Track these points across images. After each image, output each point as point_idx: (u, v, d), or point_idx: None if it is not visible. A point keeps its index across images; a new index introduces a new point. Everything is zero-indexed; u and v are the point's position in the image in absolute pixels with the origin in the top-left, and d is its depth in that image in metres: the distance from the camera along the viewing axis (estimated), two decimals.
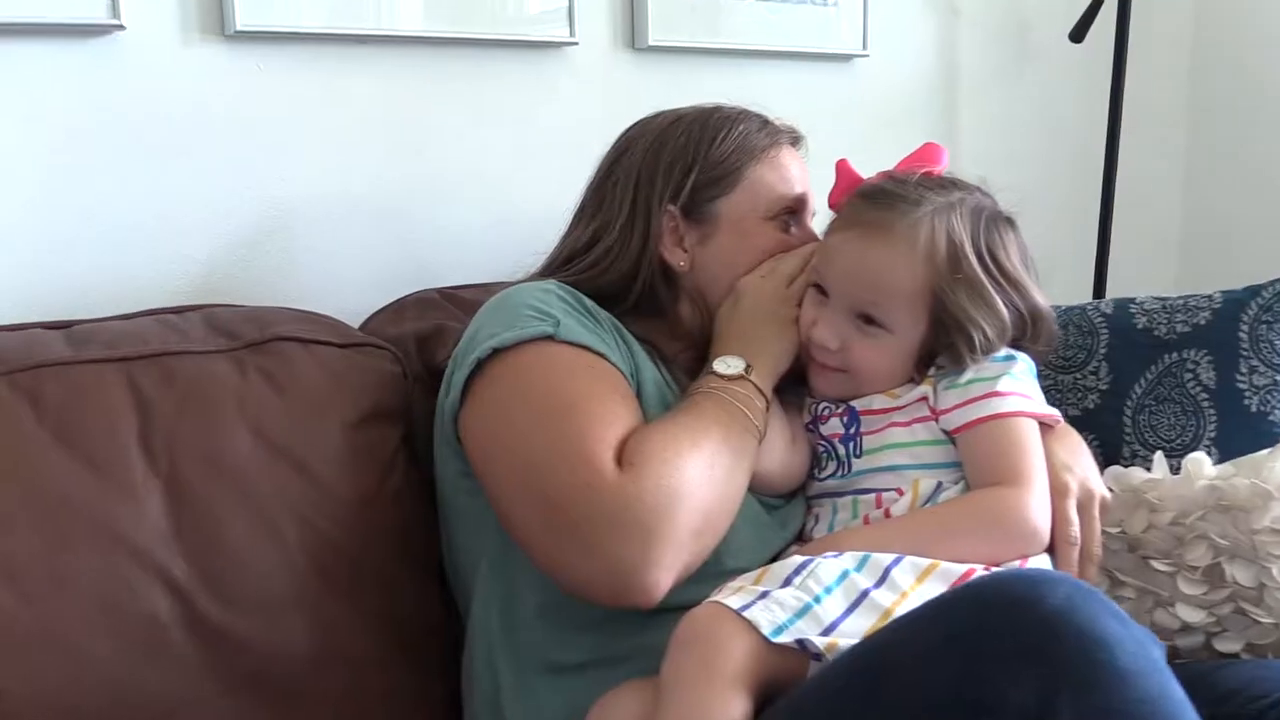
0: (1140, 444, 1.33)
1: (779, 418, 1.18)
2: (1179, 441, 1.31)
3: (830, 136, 1.85)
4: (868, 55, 1.90)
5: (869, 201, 1.17)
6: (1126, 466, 1.30)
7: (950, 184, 1.17)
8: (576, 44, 1.63)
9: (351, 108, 1.48)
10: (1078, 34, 2.03)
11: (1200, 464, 1.20)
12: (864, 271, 1.14)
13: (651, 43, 1.68)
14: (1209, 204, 2.29)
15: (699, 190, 1.22)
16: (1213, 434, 1.30)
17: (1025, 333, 1.16)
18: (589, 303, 1.18)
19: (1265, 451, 1.18)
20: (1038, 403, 1.15)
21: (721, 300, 1.23)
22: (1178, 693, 0.78)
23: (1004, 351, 1.15)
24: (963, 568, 1.02)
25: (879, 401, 1.16)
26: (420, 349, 1.33)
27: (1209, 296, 1.35)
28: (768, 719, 0.91)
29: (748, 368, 1.14)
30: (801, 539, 1.18)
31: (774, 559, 1.14)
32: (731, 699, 0.91)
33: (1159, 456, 1.24)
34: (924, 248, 1.12)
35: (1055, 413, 1.17)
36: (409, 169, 1.54)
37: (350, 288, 1.49)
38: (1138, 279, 2.06)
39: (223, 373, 1.17)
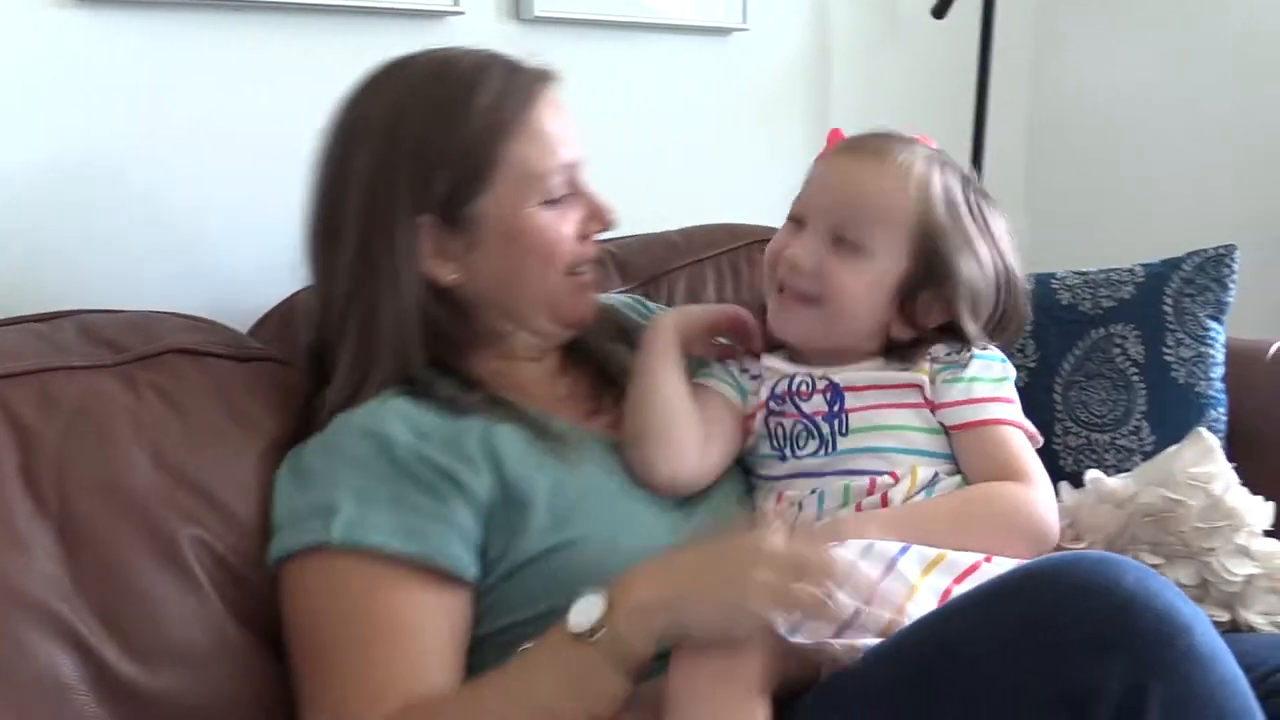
0: (1072, 420, 1.34)
1: (689, 419, 1.08)
2: (1110, 417, 1.32)
3: (709, 109, 1.84)
4: (747, 29, 1.87)
5: (862, 138, 1.13)
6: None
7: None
8: (462, 13, 1.52)
9: (216, 79, 1.33)
10: (940, 10, 2.04)
11: (1103, 483, 1.19)
12: (849, 185, 1.08)
13: (538, 13, 1.58)
14: (1050, 185, 2.35)
15: (451, 193, 1.02)
16: (1144, 408, 1.31)
17: (1003, 302, 1.10)
18: (435, 421, 0.99)
19: (1171, 449, 1.19)
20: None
21: (518, 297, 1.07)
22: (1240, 672, 0.77)
23: (997, 353, 1.11)
24: (970, 559, 0.97)
25: (861, 377, 1.09)
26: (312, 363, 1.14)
27: (1130, 270, 1.36)
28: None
29: (599, 623, 0.86)
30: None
31: None
32: (754, 706, 0.84)
33: (1064, 486, 1.23)
34: (918, 180, 1.08)
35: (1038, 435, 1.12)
36: (279, 145, 1.38)
37: (230, 285, 1.33)
38: None
39: (112, 391, 1.01)
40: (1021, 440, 1.07)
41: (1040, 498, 1.04)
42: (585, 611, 0.87)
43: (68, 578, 0.92)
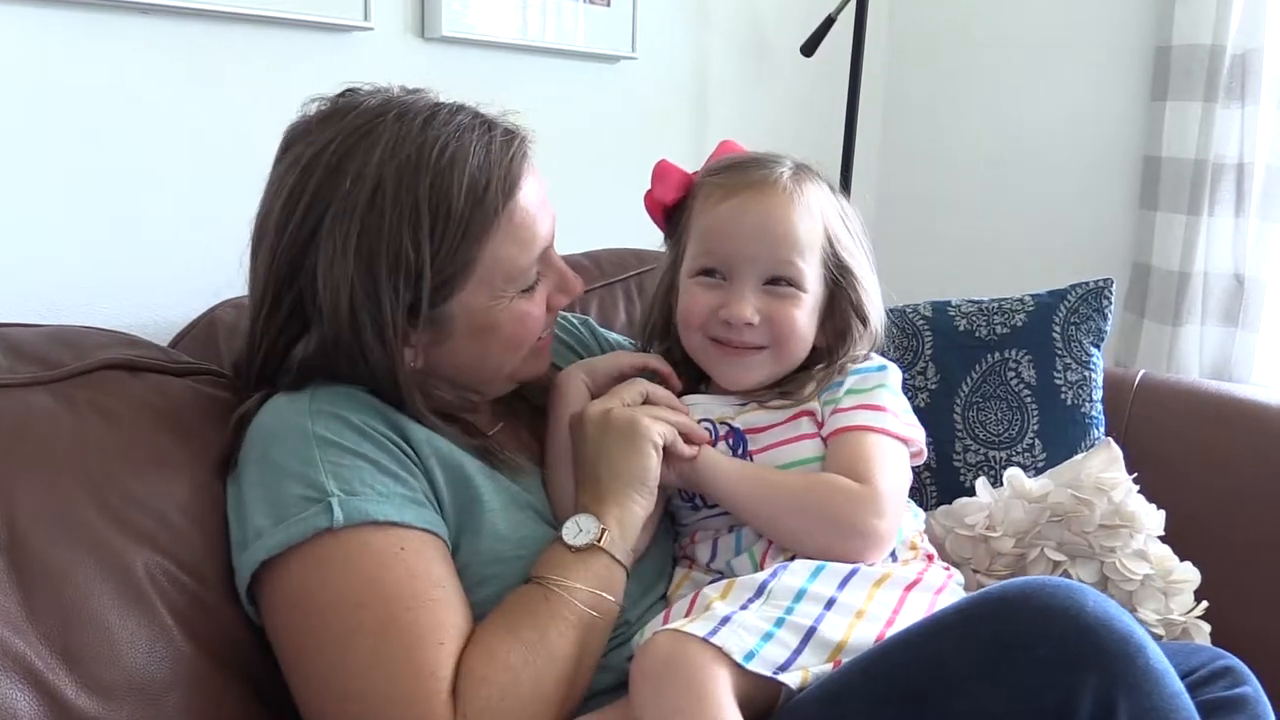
0: (971, 438, 1.41)
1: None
2: (1006, 435, 1.40)
3: (596, 133, 1.87)
4: (635, 58, 1.91)
5: (737, 170, 1.12)
6: (951, 501, 1.33)
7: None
8: (371, 29, 1.50)
9: (118, 82, 1.28)
10: (808, 49, 2.13)
11: (1020, 481, 1.27)
12: (775, 226, 1.07)
13: (444, 33, 1.58)
14: (894, 219, 2.47)
15: (427, 297, 0.98)
16: (1036, 427, 1.40)
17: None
18: (382, 420, 0.98)
19: (1080, 455, 1.28)
20: (905, 421, 1.11)
21: (476, 377, 1.06)
22: (1182, 685, 0.83)
23: (877, 361, 1.13)
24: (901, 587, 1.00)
25: (759, 419, 1.10)
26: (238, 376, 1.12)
27: (1020, 300, 1.45)
28: None
29: (601, 533, 0.98)
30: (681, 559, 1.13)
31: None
32: None
33: (982, 481, 1.32)
34: (815, 201, 1.10)
35: (919, 435, 1.13)
36: (176, 151, 1.34)
37: (137, 300, 1.27)
38: None
39: (49, 409, 0.95)
40: (877, 446, 1.05)
41: (867, 500, 1.02)
42: (583, 530, 0.98)
43: (22, 609, 0.86)
